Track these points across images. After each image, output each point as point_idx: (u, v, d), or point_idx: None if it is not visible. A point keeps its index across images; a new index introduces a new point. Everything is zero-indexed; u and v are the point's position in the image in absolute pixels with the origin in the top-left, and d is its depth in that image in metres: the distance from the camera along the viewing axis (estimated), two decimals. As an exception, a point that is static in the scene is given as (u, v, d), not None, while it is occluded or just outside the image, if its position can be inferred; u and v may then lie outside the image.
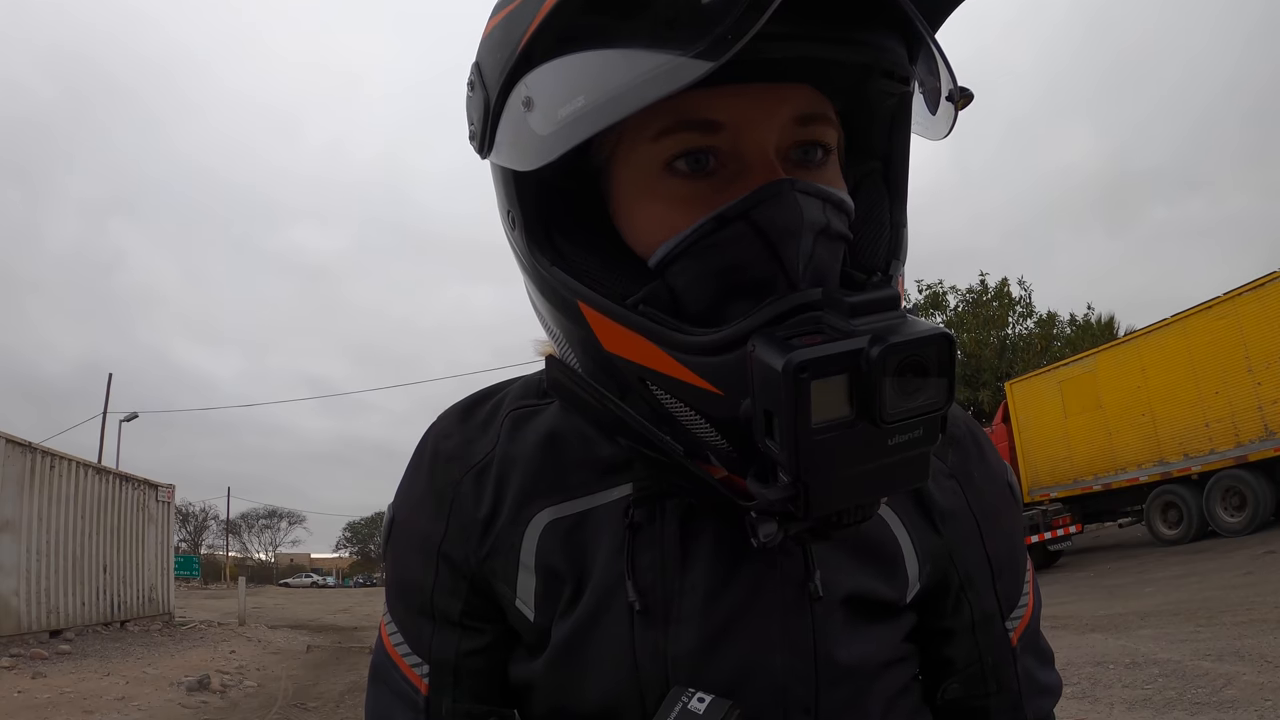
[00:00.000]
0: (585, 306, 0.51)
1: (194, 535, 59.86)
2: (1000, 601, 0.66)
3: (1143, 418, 11.54)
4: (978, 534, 0.65)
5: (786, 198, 0.48)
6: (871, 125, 0.57)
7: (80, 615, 11.13)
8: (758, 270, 0.48)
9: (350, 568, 72.70)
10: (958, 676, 0.66)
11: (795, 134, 0.51)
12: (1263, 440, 9.94)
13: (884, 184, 0.58)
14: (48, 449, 10.91)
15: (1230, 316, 10.41)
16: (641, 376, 0.50)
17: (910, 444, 0.43)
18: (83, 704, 6.23)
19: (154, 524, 14.15)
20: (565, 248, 0.53)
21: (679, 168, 0.50)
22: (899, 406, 0.42)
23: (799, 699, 0.56)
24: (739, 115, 0.50)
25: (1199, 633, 5.47)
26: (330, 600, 30.55)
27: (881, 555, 0.61)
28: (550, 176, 0.53)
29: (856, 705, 0.59)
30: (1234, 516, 10.27)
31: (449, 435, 0.66)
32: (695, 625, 0.56)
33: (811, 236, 0.48)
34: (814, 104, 0.52)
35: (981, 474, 0.67)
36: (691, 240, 0.49)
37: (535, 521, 0.61)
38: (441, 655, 0.63)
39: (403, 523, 0.67)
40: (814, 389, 0.41)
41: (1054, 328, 23.90)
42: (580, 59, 0.45)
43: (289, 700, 6.87)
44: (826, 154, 0.53)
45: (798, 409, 0.41)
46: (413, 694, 0.64)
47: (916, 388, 0.42)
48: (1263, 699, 3.79)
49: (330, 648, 11.43)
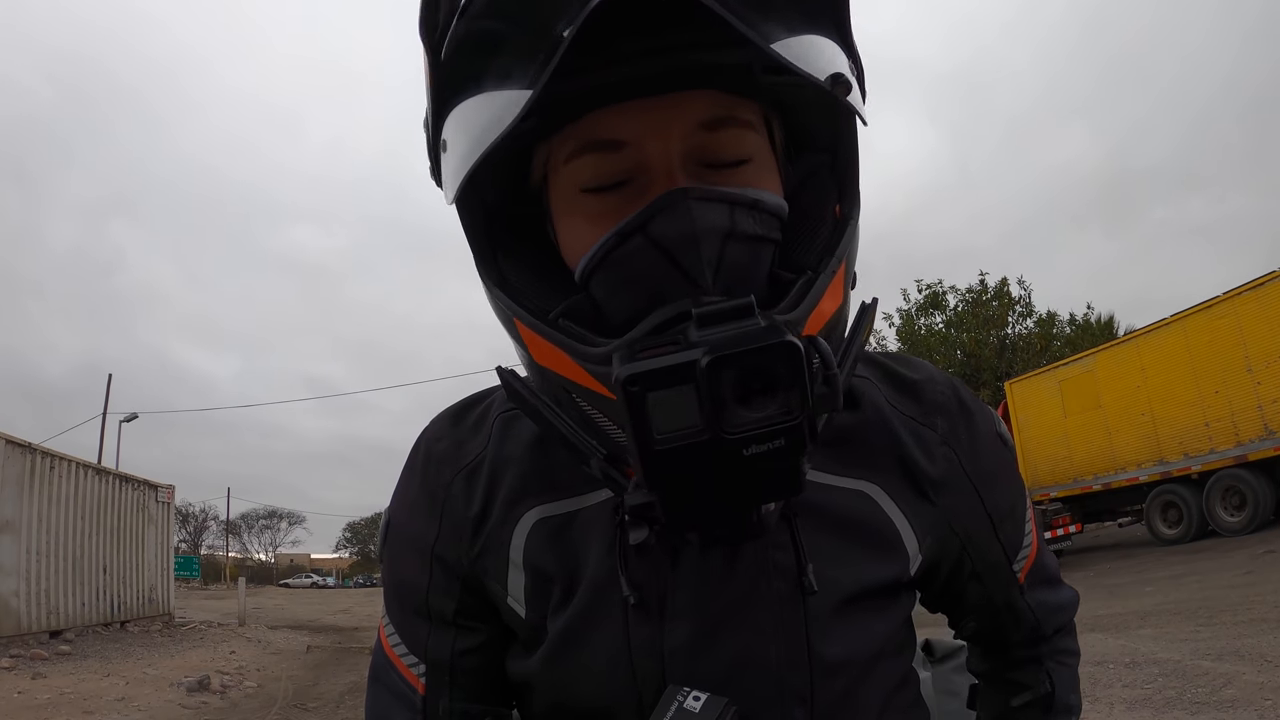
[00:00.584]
0: (519, 323, 0.53)
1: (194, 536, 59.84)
2: (1005, 548, 0.69)
3: (1142, 417, 11.54)
4: (976, 496, 0.66)
5: (679, 207, 0.49)
6: (811, 118, 0.57)
7: (80, 616, 11.13)
8: (663, 281, 0.49)
9: (350, 568, 72.69)
10: (971, 615, 0.72)
11: (703, 140, 0.53)
12: (1262, 439, 9.94)
13: (831, 177, 0.58)
14: (47, 449, 10.90)
15: (1230, 316, 10.40)
16: (565, 387, 0.52)
17: (772, 455, 0.43)
18: (83, 705, 6.23)
19: (154, 524, 14.14)
20: (507, 268, 0.56)
21: (590, 185, 0.53)
22: (744, 417, 0.42)
23: (795, 690, 0.57)
24: (638, 131, 0.51)
25: (1199, 632, 5.47)
26: (330, 600, 30.54)
27: (878, 539, 0.61)
28: (496, 202, 0.57)
29: (853, 696, 0.59)
30: (1234, 516, 10.27)
31: (440, 438, 0.67)
32: (689, 619, 0.57)
33: (717, 242, 0.49)
34: (719, 108, 0.53)
35: (971, 434, 0.67)
36: (600, 255, 0.52)
37: (524, 520, 0.62)
38: (437, 655, 0.65)
39: (398, 525, 0.68)
40: (657, 401, 0.41)
41: (1054, 327, 23.88)
42: (464, 105, 0.49)
43: (289, 701, 6.87)
44: (745, 157, 0.54)
45: (634, 420, 0.42)
46: (410, 694, 0.65)
47: (763, 398, 0.42)
48: (1262, 698, 3.79)
49: (330, 648, 11.43)
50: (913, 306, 24.37)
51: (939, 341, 23.35)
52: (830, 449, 0.61)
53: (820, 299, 0.51)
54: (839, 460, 0.61)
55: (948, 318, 23.96)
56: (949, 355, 23.05)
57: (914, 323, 24.17)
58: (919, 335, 23.77)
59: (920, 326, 24.02)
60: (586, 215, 0.53)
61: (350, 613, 20.71)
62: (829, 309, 0.52)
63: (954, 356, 23.04)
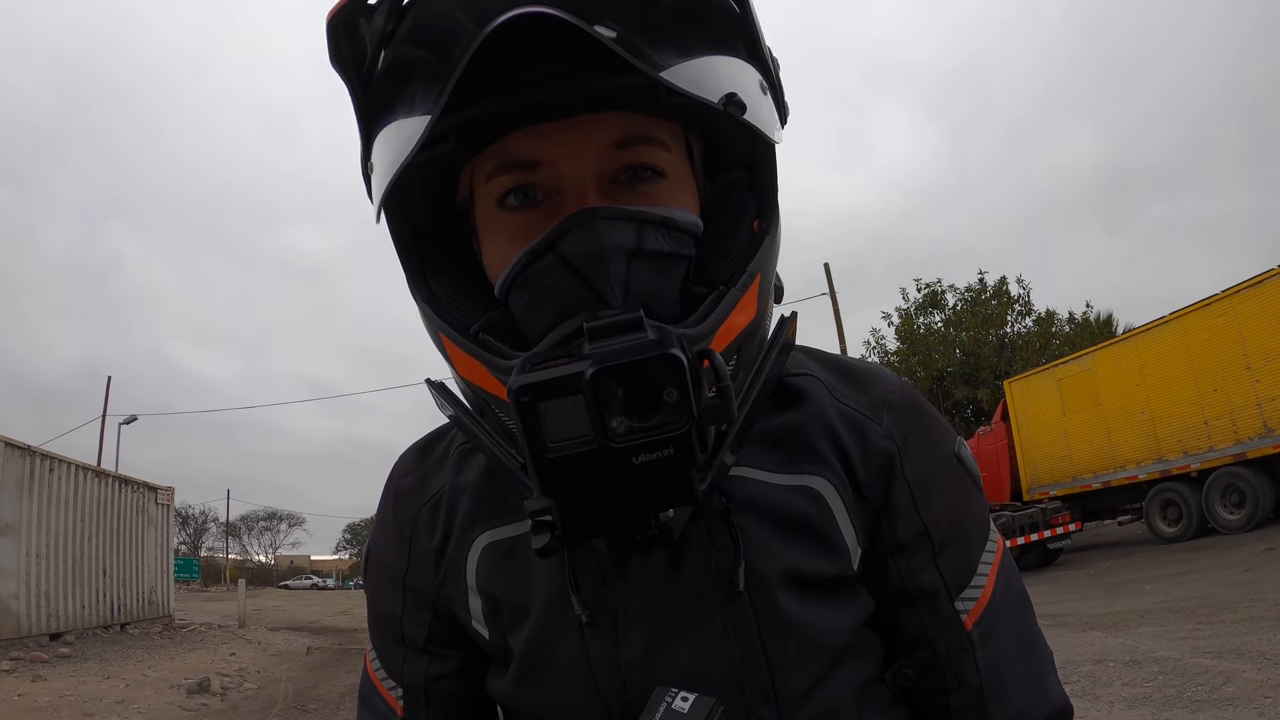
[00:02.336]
0: (444, 338, 0.56)
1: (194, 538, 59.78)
2: (944, 578, 0.62)
3: (1142, 415, 11.55)
4: (911, 503, 0.62)
5: (586, 227, 0.51)
6: (727, 135, 0.59)
7: (80, 618, 11.12)
8: (573, 297, 0.52)
9: (350, 569, 72.59)
10: (909, 660, 0.63)
11: (617, 159, 0.54)
12: (1261, 437, 9.95)
13: (749, 191, 0.59)
14: (47, 452, 10.90)
15: (1228, 314, 10.42)
16: (485, 399, 0.54)
17: (661, 464, 0.44)
18: (83, 707, 6.23)
19: (153, 526, 14.14)
20: (435, 284, 0.59)
21: (509, 203, 0.55)
22: (629, 427, 0.43)
23: (757, 689, 0.57)
24: (552, 151, 0.54)
25: (1199, 630, 5.47)
26: (330, 602, 30.54)
27: (814, 529, 0.60)
28: (425, 220, 0.60)
29: (822, 692, 0.58)
30: (1233, 514, 10.28)
31: (407, 473, 0.70)
32: (641, 630, 0.57)
33: (623, 260, 0.51)
34: (631, 127, 0.54)
35: (920, 440, 0.64)
36: (515, 273, 0.54)
37: (475, 545, 0.63)
38: (412, 679, 0.68)
39: (375, 556, 0.72)
40: (548, 410, 0.43)
41: (1053, 326, 23.90)
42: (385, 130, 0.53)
43: (289, 702, 6.87)
44: (658, 173, 0.56)
45: (526, 428, 0.43)
46: (390, 716, 0.69)
47: (651, 409, 0.43)
48: (1262, 696, 3.79)
49: (330, 650, 11.43)
50: (912, 306, 24.41)
51: (938, 340, 23.38)
52: (774, 447, 0.60)
53: (730, 313, 0.52)
54: (784, 458, 0.60)
55: (947, 317, 23.99)
56: (948, 354, 23.08)
57: (913, 322, 24.20)
58: (918, 334, 23.80)
59: (919, 325, 24.05)
60: (506, 232, 0.55)
61: (350, 614, 20.69)
62: (740, 322, 0.53)
63: (953, 355, 23.07)
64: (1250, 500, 10.07)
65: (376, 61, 0.53)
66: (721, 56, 0.51)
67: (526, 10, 0.44)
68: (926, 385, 22.31)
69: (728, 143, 0.60)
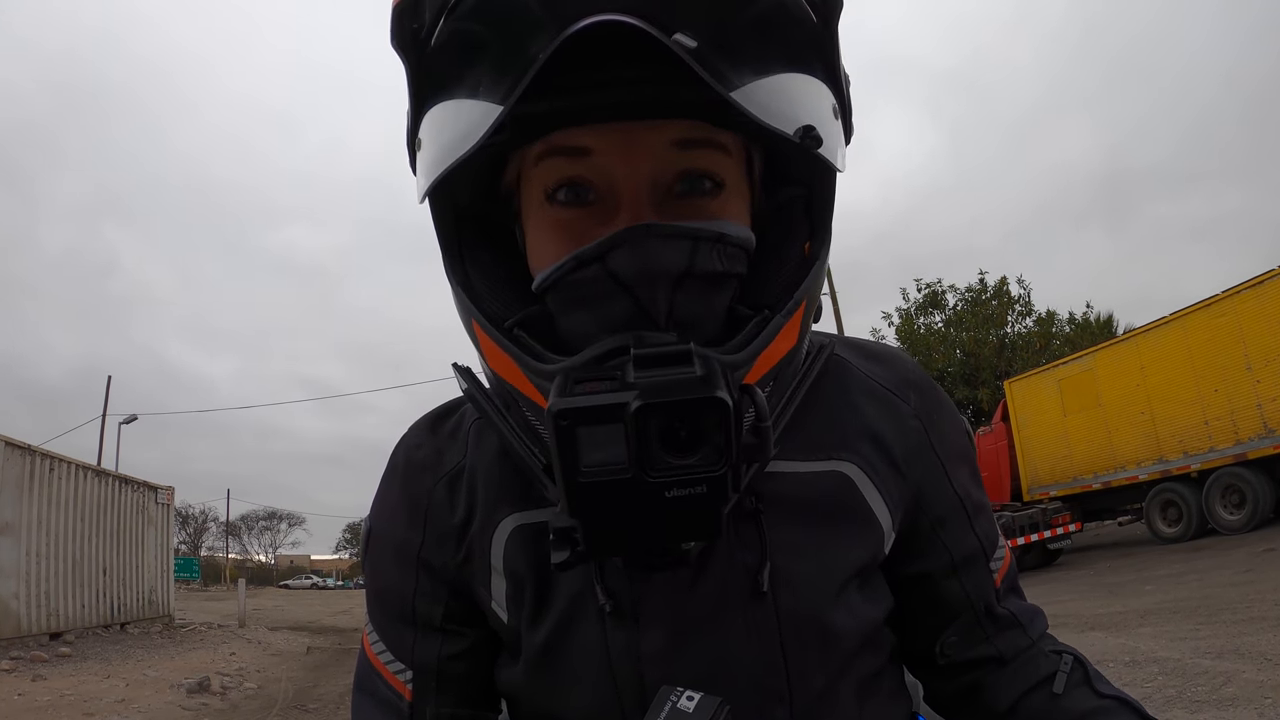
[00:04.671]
0: (477, 326, 0.54)
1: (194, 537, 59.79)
2: (982, 542, 0.67)
3: (1142, 416, 11.54)
4: (945, 476, 0.65)
5: (639, 245, 0.49)
6: (789, 152, 0.56)
7: (80, 618, 11.13)
8: (616, 310, 0.50)
9: (350, 569, 72.58)
10: (953, 628, 0.66)
11: (676, 161, 0.52)
12: (1262, 438, 9.94)
13: (804, 212, 0.57)
14: (47, 451, 10.90)
15: (1229, 314, 10.41)
16: (513, 395, 0.53)
17: (692, 500, 0.43)
18: (83, 706, 6.22)
19: (153, 526, 14.14)
20: (472, 270, 0.57)
21: (559, 198, 0.53)
22: (667, 463, 0.42)
23: (773, 689, 0.57)
24: (609, 142, 0.51)
25: (1199, 631, 5.47)
26: (330, 602, 30.55)
27: (845, 514, 0.60)
28: (467, 202, 0.58)
29: (834, 691, 0.59)
30: (1233, 514, 10.27)
31: (420, 445, 0.67)
32: (664, 623, 0.57)
33: (672, 281, 0.50)
34: (694, 131, 0.52)
35: (941, 416, 0.67)
36: (558, 276, 0.52)
37: (503, 526, 0.62)
38: (424, 660, 0.65)
39: (380, 533, 0.68)
40: (585, 436, 0.42)
41: (1053, 326, 23.90)
42: (441, 107, 0.50)
43: (289, 702, 6.87)
44: (718, 184, 0.53)
45: (561, 452, 0.42)
46: (397, 700, 0.65)
47: (691, 446, 0.42)
48: (1262, 697, 3.79)
49: (330, 649, 11.43)
50: (912, 305, 24.40)
51: (938, 340, 23.37)
52: (801, 432, 0.60)
53: (773, 339, 0.51)
54: (810, 444, 0.61)
55: (947, 317, 23.98)
56: (948, 354, 23.07)
57: (913, 322, 24.20)
58: (918, 334, 23.79)
59: (920, 325, 24.05)
60: (552, 226, 0.54)
61: (350, 614, 20.70)
62: (782, 349, 0.52)
63: (953, 355, 23.06)
64: (1250, 501, 10.06)
65: (434, 32, 0.50)
66: (799, 75, 0.49)
67: (609, 18, 0.43)
68: (927, 385, 22.26)
69: (789, 160, 0.58)
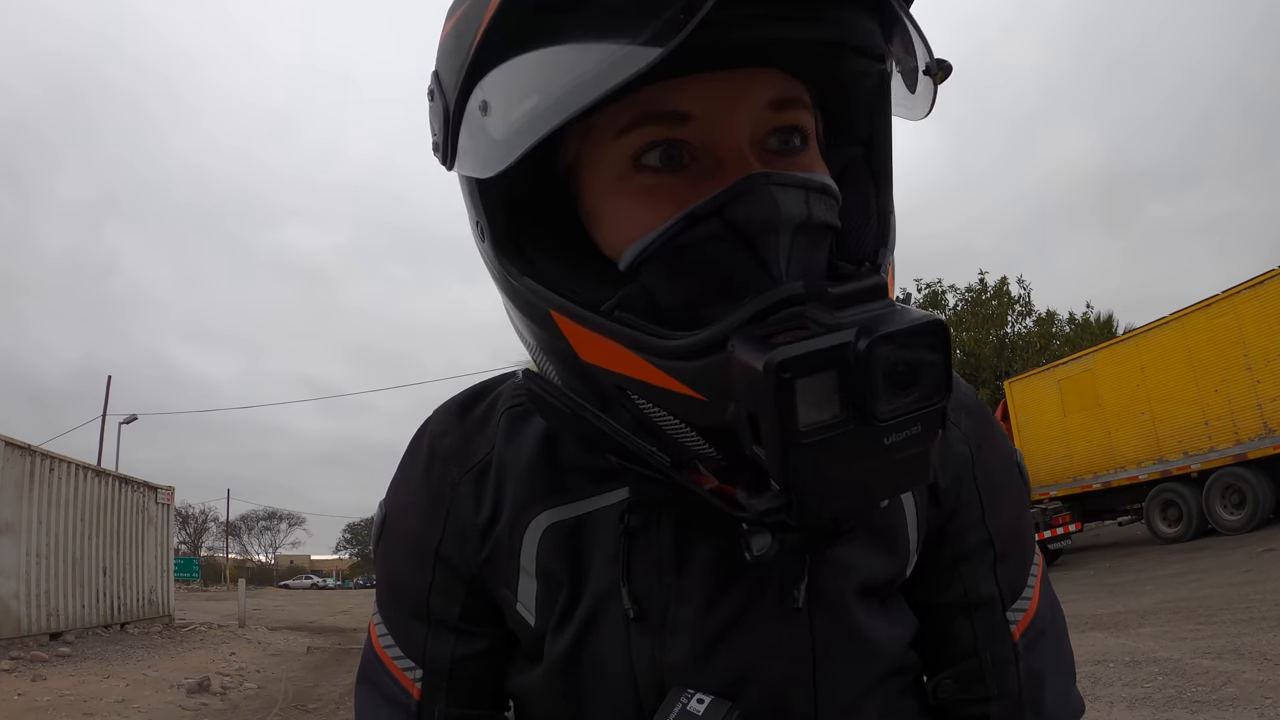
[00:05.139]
0: (559, 316, 0.49)
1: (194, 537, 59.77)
2: (1001, 588, 0.62)
3: (1142, 416, 11.54)
4: (979, 507, 0.62)
5: (760, 192, 0.45)
6: (850, 109, 0.54)
7: (80, 618, 11.12)
8: (735, 269, 0.46)
9: (350, 569, 72.59)
10: (952, 671, 0.63)
11: (770, 120, 0.49)
12: (1262, 438, 9.94)
13: (868, 170, 0.55)
14: (47, 451, 10.89)
15: (1229, 314, 10.40)
16: (621, 385, 0.48)
17: (908, 441, 0.40)
18: (83, 706, 6.22)
19: (154, 526, 14.13)
20: (536, 256, 0.51)
21: (648, 163, 0.48)
22: (893, 402, 0.39)
23: (798, 710, 0.55)
24: (707, 105, 0.47)
25: (1199, 631, 5.47)
26: (330, 602, 30.53)
27: (885, 534, 0.59)
28: (519, 183, 0.50)
29: (857, 710, 0.57)
30: (1233, 514, 10.26)
31: (446, 433, 0.64)
32: (690, 632, 0.55)
33: (791, 230, 0.46)
34: (787, 88, 0.49)
35: (990, 445, 0.64)
36: (663, 240, 0.47)
37: (535, 524, 0.59)
38: (436, 660, 0.62)
39: (396, 523, 0.65)
40: (800, 389, 0.38)
41: (1053, 326, 23.91)
42: (532, 57, 0.44)
43: (289, 702, 6.86)
44: (805, 140, 0.51)
45: (782, 411, 0.38)
46: (403, 698, 0.62)
47: (911, 381, 0.39)
48: (1262, 697, 3.79)
49: (330, 649, 11.42)
50: (904, 296, 24.36)
51: (938, 341, 23.33)
52: None
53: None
54: None
55: (947, 317, 23.89)
56: (948, 354, 23.03)
57: (913, 322, 24.16)
58: (918, 335, 23.75)
59: (920, 326, 24.01)
60: (642, 193, 0.48)
61: (350, 614, 20.69)
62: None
63: (953, 356, 23.03)
64: (1250, 501, 10.05)
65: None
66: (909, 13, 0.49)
67: None
68: (927, 385, 22.26)
69: (848, 117, 0.55)
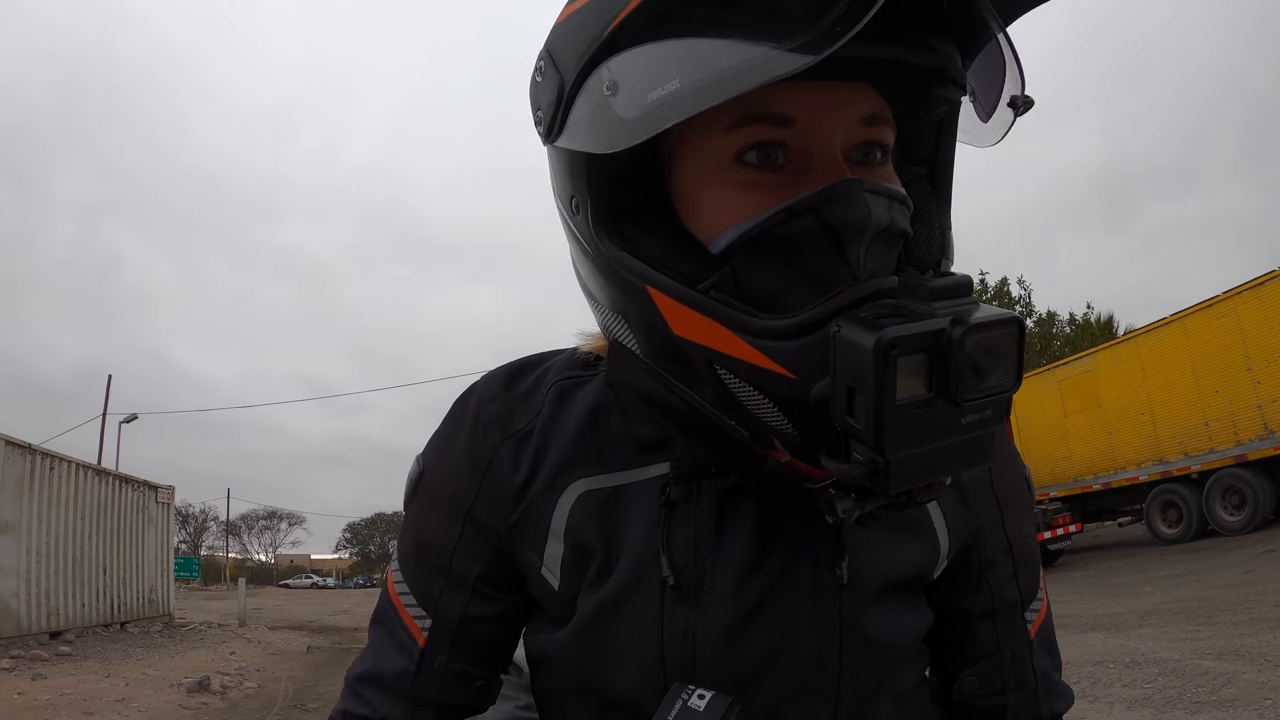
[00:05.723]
0: (655, 291, 0.52)
1: (194, 536, 59.83)
2: (1021, 591, 0.67)
3: (1142, 417, 11.54)
4: (999, 516, 0.67)
5: (855, 197, 0.50)
6: (920, 130, 0.59)
7: (80, 617, 11.13)
8: (822, 263, 0.50)
9: (350, 569, 72.62)
10: (975, 669, 0.67)
11: (860, 134, 0.53)
12: (1262, 439, 9.94)
13: (930, 187, 0.60)
14: (47, 450, 10.90)
15: (1230, 315, 10.41)
16: (710, 361, 0.51)
17: (981, 424, 0.46)
18: (83, 705, 6.22)
19: (154, 525, 14.13)
20: (632, 233, 0.54)
21: (749, 159, 0.52)
22: (974, 387, 0.44)
23: (823, 688, 0.57)
24: (810, 112, 0.51)
25: (1199, 631, 5.47)
26: (330, 601, 30.54)
27: (917, 528, 0.62)
28: (624, 162, 0.53)
29: (874, 697, 0.60)
30: (1234, 515, 10.27)
31: (493, 399, 0.67)
32: (726, 603, 0.57)
33: (875, 234, 0.50)
34: (878, 105, 0.54)
35: (1006, 459, 0.69)
36: (762, 228, 0.51)
37: (569, 491, 0.62)
38: (446, 615, 0.65)
39: (432, 480, 0.68)
40: (903, 366, 0.42)
41: (1053, 327, 23.91)
42: (677, 44, 0.46)
43: (289, 701, 6.87)
44: (884, 153, 0.55)
45: (884, 385, 0.42)
46: (409, 643, 0.65)
47: (989, 369, 0.44)
48: (1262, 698, 3.79)
49: (330, 649, 11.43)
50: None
51: (939, 341, 23.32)
52: None
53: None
54: None
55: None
56: (949, 355, 23.02)
57: (914, 322, 24.15)
58: (919, 335, 23.74)
59: (920, 326, 24.00)
60: (741, 185, 0.52)
61: (350, 613, 20.70)
62: None
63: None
64: (1251, 502, 10.05)
65: None
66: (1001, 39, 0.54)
67: None
68: (927, 386, 22.26)
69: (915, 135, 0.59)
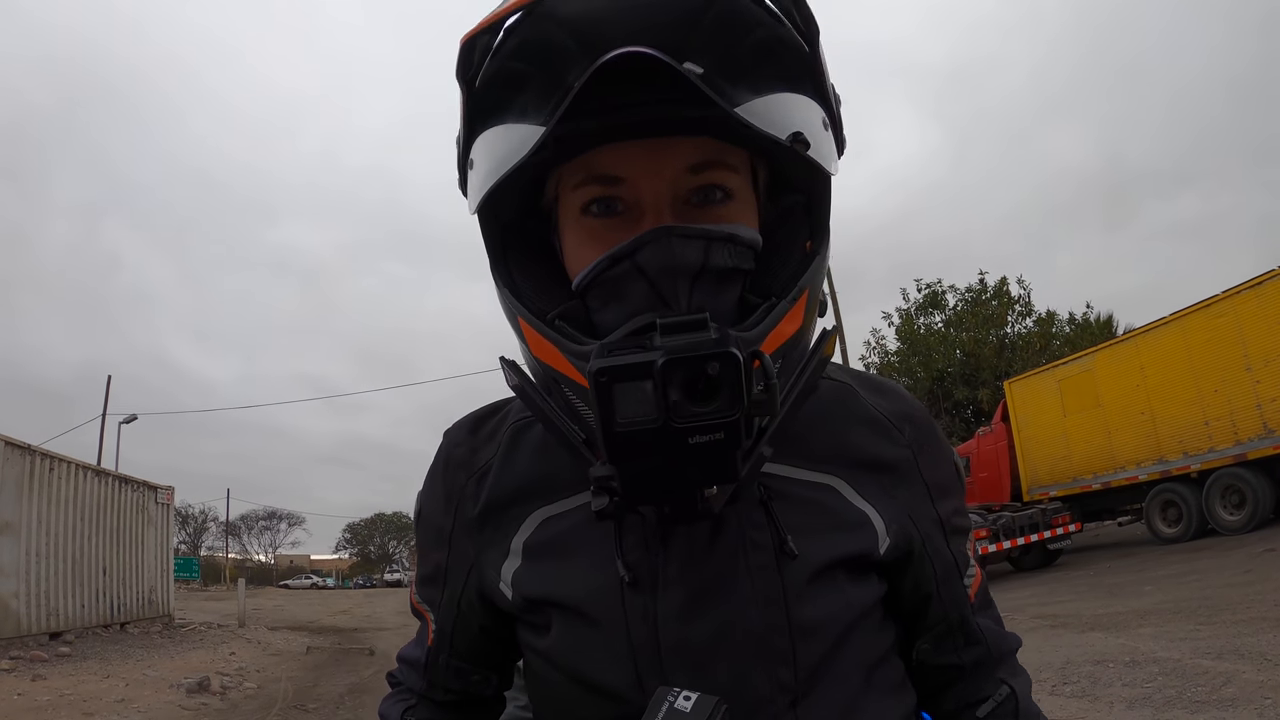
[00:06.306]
0: (522, 320, 0.63)
1: (193, 537, 59.85)
2: (957, 561, 0.75)
3: (1142, 416, 11.55)
4: (929, 498, 0.73)
5: (662, 243, 0.58)
6: (791, 163, 0.63)
7: (80, 617, 11.13)
8: (643, 301, 0.59)
9: (350, 569, 72.65)
10: (928, 635, 0.75)
11: (688, 181, 0.61)
12: (1261, 438, 9.96)
13: (805, 216, 0.66)
14: (47, 451, 10.91)
15: (1229, 314, 10.42)
16: (554, 378, 0.61)
17: (712, 445, 0.51)
18: (83, 706, 6.23)
19: (153, 526, 14.15)
20: (515, 273, 0.66)
21: (592, 210, 0.63)
22: (689, 411, 0.50)
23: (778, 651, 0.63)
24: (634, 169, 0.61)
25: (1198, 631, 5.47)
26: (330, 602, 30.56)
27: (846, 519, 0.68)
28: (512, 215, 0.66)
29: (834, 661, 0.65)
30: (1233, 514, 10.28)
31: (459, 444, 0.78)
32: (679, 588, 0.64)
33: (690, 273, 0.59)
34: (706, 152, 0.61)
35: (933, 450, 0.75)
36: (594, 274, 0.61)
37: (531, 519, 0.70)
38: (442, 622, 0.78)
39: (425, 515, 0.81)
40: (620, 392, 0.50)
41: (1053, 326, 23.89)
42: (490, 132, 0.60)
43: (289, 702, 6.87)
44: (727, 194, 0.62)
45: (600, 406, 0.50)
46: (424, 640, 0.82)
47: (709, 396, 0.50)
48: (1262, 697, 3.80)
49: (330, 649, 11.44)
50: (912, 306, 24.41)
51: (938, 341, 23.37)
52: (799, 443, 0.67)
53: (779, 321, 0.60)
54: (806, 455, 0.68)
55: (947, 317, 23.97)
56: (948, 354, 23.07)
57: (913, 322, 24.19)
58: (918, 335, 23.80)
59: (920, 326, 24.05)
60: (587, 234, 0.63)
61: (350, 614, 20.71)
62: (788, 330, 0.61)
63: (953, 356, 23.06)
64: (1250, 501, 10.07)
65: (480, 70, 0.60)
66: (792, 94, 0.58)
67: (633, 50, 0.51)
68: (927, 385, 22.31)
69: (789, 170, 0.65)
